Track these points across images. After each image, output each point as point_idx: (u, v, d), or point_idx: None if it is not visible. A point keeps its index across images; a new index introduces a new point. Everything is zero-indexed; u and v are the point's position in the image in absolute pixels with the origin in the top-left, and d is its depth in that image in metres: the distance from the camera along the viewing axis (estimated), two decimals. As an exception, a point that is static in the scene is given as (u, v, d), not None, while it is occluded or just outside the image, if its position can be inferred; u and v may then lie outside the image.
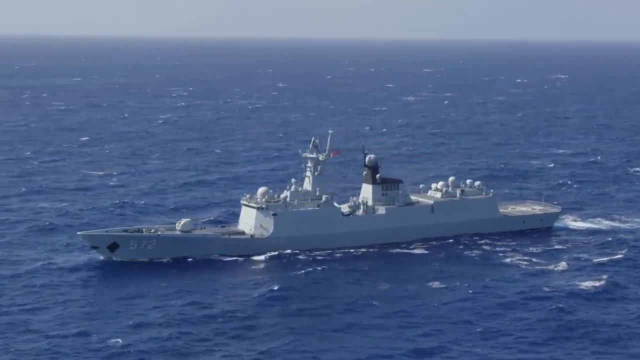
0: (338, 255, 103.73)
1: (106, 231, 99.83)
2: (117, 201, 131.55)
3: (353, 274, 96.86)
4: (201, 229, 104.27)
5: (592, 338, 77.93)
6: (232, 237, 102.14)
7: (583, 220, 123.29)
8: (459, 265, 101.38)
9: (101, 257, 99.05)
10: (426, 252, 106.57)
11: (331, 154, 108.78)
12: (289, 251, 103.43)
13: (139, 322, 79.46)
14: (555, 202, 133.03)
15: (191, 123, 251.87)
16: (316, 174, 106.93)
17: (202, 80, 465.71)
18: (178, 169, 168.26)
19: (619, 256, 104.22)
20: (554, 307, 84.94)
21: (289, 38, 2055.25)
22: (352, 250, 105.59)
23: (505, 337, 78.18)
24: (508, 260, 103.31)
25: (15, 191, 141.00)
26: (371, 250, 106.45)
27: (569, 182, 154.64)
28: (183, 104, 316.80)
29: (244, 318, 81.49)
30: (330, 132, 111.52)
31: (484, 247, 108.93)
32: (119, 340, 74.62)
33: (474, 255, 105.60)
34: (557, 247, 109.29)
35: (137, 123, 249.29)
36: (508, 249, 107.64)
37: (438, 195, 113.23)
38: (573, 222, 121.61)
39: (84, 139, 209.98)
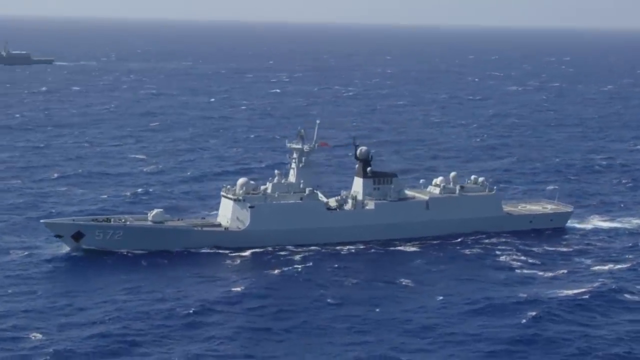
0: (323, 251, 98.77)
1: (73, 220, 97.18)
2: (140, 189, 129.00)
3: (330, 272, 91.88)
4: (178, 220, 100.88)
5: (548, 352, 71.74)
6: (204, 229, 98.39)
7: (611, 220, 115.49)
8: (448, 264, 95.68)
9: (68, 248, 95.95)
10: (418, 250, 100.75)
11: (316, 145, 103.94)
12: (275, 247, 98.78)
13: (73, 319, 76.19)
14: (595, 203, 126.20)
15: (274, 110, 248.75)
16: (301, 165, 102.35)
17: (314, 66, 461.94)
18: (228, 155, 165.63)
19: (626, 263, 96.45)
20: (526, 316, 78.78)
21: (428, 25, 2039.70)
22: (339, 247, 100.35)
23: (454, 347, 72.60)
24: (502, 261, 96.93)
25: (46, 175, 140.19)
26: (361, 247, 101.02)
27: (623, 181, 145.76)
28: (278, 90, 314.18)
29: (185, 315, 77.76)
30: (317, 122, 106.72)
31: (482, 247, 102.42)
32: (39, 335, 71.81)
33: (468, 254, 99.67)
34: (562, 249, 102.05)
35: (219, 109, 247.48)
36: (507, 250, 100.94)
37: (436, 191, 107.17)
38: (600, 222, 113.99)
39: (153, 124, 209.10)
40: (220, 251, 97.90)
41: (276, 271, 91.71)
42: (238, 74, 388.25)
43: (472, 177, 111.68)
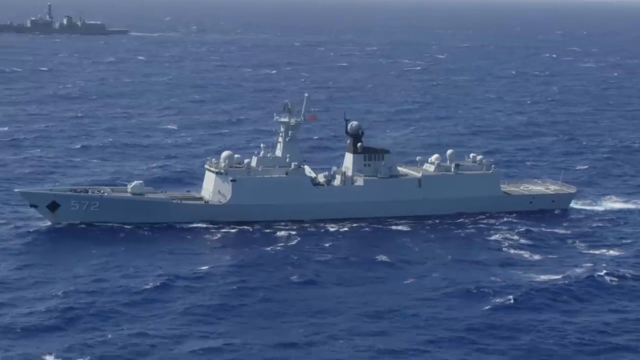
0: (311, 229, 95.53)
1: (50, 190, 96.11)
2: (156, 162, 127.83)
3: (309, 250, 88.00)
4: (161, 192, 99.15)
5: (501, 340, 68.11)
6: (183, 202, 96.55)
7: (626, 202, 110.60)
8: (435, 244, 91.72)
9: (48, 222, 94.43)
10: (408, 229, 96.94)
11: (303, 119, 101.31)
12: (262, 223, 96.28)
13: (24, 293, 74.25)
14: (616, 184, 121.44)
15: (334, 83, 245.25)
16: (287, 139, 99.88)
17: (390, 40, 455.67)
18: (263, 129, 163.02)
19: (624, 248, 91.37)
20: (494, 301, 74.68)
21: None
22: (329, 225, 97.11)
23: (406, 332, 68.79)
24: (492, 243, 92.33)
25: (69, 145, 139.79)
26: (353, 225, 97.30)
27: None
28: (345, 64, 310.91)
29: (141, 291, 75.55)
30: (306, 94, 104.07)
31: (477, 227, 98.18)
32: (-20, 312, 70.76)
33: (460, 235, 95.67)
34: (560, 231, 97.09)
35: (277, 81, 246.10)
36: (501, 231, 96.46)
37: (431, 168, 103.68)
38: (613, 204, 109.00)
39: (203, 95, 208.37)
40: (206, 226, 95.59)
41: (255, 248, 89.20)
42: (310, 47, 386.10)
43: (471, 155, 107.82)
